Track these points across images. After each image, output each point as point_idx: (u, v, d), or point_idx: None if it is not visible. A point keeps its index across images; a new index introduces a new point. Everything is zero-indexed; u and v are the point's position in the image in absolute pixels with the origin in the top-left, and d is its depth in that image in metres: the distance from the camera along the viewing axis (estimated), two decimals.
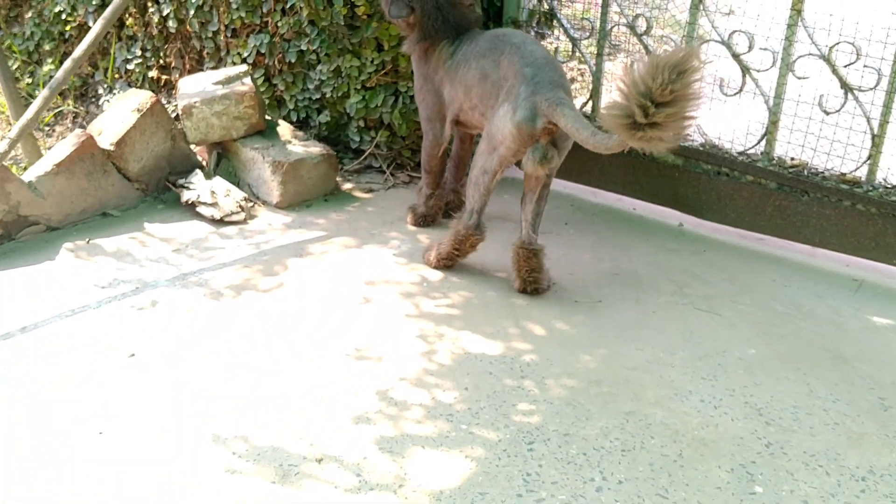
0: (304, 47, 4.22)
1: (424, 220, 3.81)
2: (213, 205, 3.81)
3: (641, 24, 3.79)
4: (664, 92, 2.36)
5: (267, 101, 4.50)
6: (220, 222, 3.78)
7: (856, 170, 3.39)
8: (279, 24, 4.26)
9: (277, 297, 3.22)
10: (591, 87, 4.02)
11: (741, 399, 2.66)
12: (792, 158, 3.57)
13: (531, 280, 3.20)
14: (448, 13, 3.36)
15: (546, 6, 4.15)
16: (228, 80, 4.09)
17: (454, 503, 2.23)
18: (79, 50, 3.80)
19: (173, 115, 4.35)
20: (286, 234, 3.72)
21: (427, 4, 3.35)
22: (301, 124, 4.52)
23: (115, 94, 5.04)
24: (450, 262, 3.36)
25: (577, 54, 4.10)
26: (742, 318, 3.10)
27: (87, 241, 3.59)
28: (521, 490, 2.28)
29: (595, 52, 3.98)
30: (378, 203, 4.06)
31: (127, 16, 4.85)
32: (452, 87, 3.36)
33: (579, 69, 4.84)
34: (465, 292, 3.27)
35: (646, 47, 3.82)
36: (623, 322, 3.07)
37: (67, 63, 3.79)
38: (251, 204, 3.96)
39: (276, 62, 4.39)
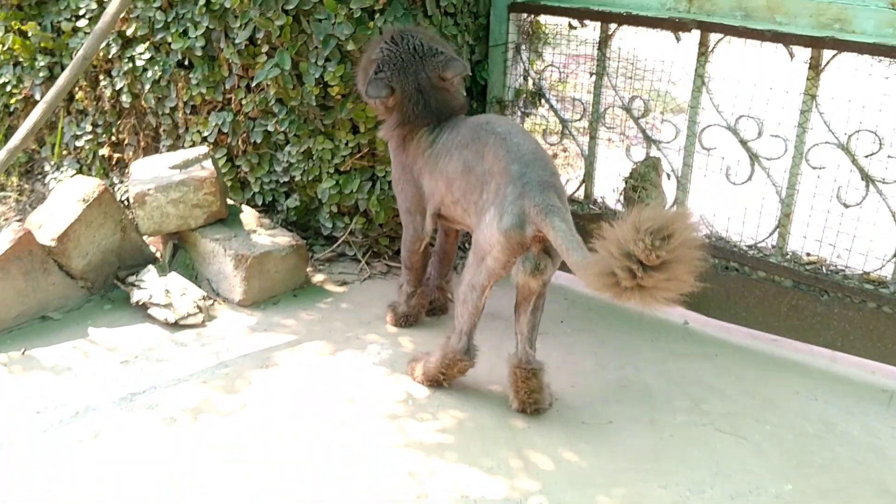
0: (270, 128, 3.87)
1: (406, 321, 3.43)
2: (168, 306, 3.39)
3: (639, 106, 3.51)
4: (650, 257, 2.10)
5: (230, 183, 4.12)
6: (175, 326, 3.36)
7: (881, 268, 3.10)
8: (243, 101, 3.91)
9: (240, 420, 2.80)
10: (584, 171, 3.71)
11: None
12: (808, 254, 3.28)
13: (531, 402, 2.83)
14: (430, 97, 3.04)
15: (532, 85, 3.86)
16: (186, 164, 3.71)
17: None
18: (23, 129, 3.39)
19: (125, 199, 3.94)
20: (250, 339, 3.31)
21: (408, 86, 3.03)
22: (267, 208, 4.14)
23: (62, 171, 4.62)
24: (435, 384, 2.98)
25: (567, 135, 3.80)
26: (771, 443, 2.76)
27: (23, 353, 3.14)
28: None
29: (588, 135, 3.69)
30: (353, 298, 3.67)
31: (77, 89, 4.46)
32: (432, 179, 3.02)
33: (563, 145, 4.54)
34: (458, 412, 2.88)
35: (643, 131, 3.53)
36: (639, 450, 2.71)
37: (11, 143, 3.38)
38: (210, 302, 3.55)
39: (239, 142, 4.02)
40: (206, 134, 4.06)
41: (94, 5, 4.20)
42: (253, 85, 3.81)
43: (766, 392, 3.04)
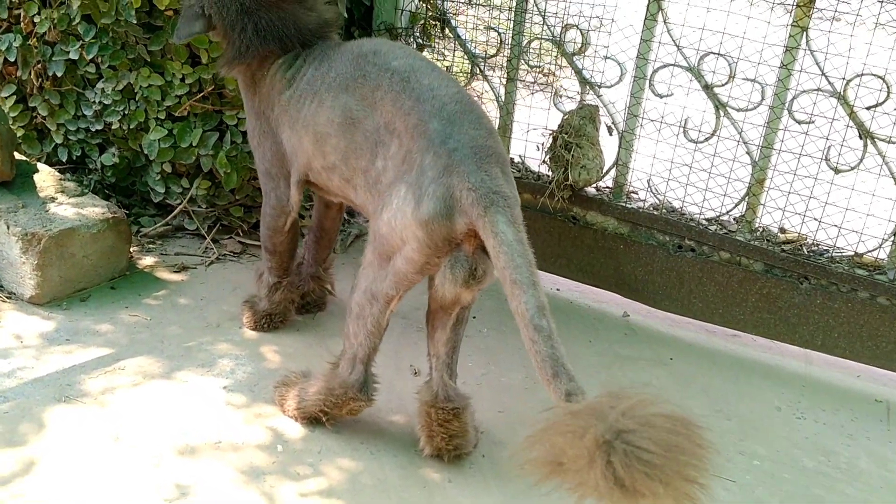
0: (75, 55, 2.81)
1: (270, 322, 2.53)
2: None
3: (573, 38, 2.73)
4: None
5: (21, 133, 3.03)
6: None
7: (877, 249, 2.49)
8: (36, 19, 2.83)
9: (25, 493, 1.84)
10: (498, 123, 2.90)
11: None
12: (783, 231, 2.63)
13: (451, 448, 2.02)
14: (261, 18, 2.15)
15: (433, 7, 2.99)
16: None
17: None
18: None
19: None
20: (45, 357, 2.32)
21: (228, 9, 2.14)
22: (75, 167, 3.09)
23: None
24: (314, 421, 2.13)
25: (478, 76, 2.97)
26: (766, 487, 2.09)
27: None
28: None
29: (505, 76, 2.87)
30: (195, 290, 2.73)
31: None
32: (294, 133, 2.13)
33: (472, 89, 3.69)
34: (349, 462, 2.04)
35: (578, 72, 2.75)
36: None
37: None
38: None
39: (33, 75, 2.93)
40: None
41: None
42: None
43: (741, 410, 2.38)
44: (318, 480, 1.98)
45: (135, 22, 2.67)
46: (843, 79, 2.39)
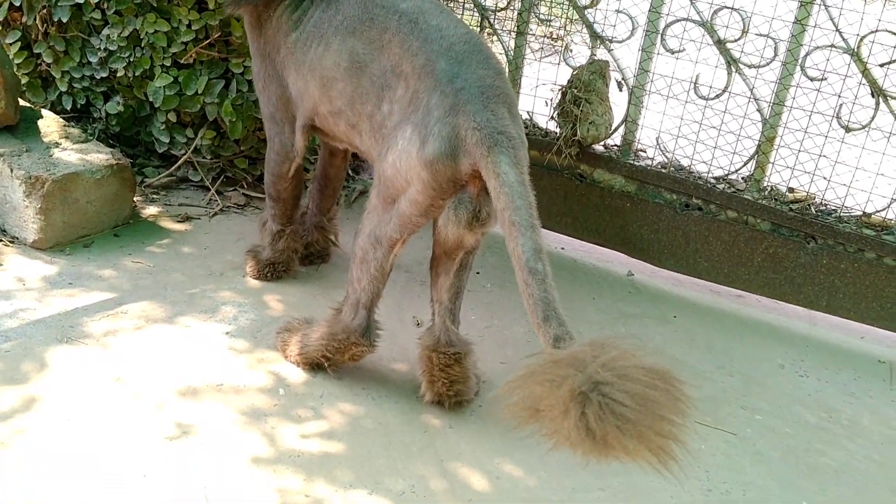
0: (81, 0, 2.78)
1: (273, 271, 2.53)
2: None
3: None
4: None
5: (25, 80, 3.01)
6: None
7: (885, 209, 2.46)
8: None
9: (26, 429, 1.84)
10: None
11: None
12: (792, 190, 2.61)
13: (452, 394, 2.02)
14: None
15: None
16: None
17: None
18: None
19: None
20: (47, 300, 2.31)
21: None
22: (79, 115, 3.07)
23: None
24: (316, 367, 2.12)
25: (487, 29, 2.93)
26: (768, 441, 2.08)
27: None
28: None
29: (514, 30, 2.83)
30: (199, 239, 2.72)
31: None
32: (300, 76, 2.11)
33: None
34: (350, 406, 2.04)
35: (589, 25, 2.72)
36: None
37: None
38: None
39: (38, 21, 2.90)
40: None
41: None
42: None
43: (745, 367, 2.37)
44: (320, 423, 1.97)
45: None
46: (858, 35, 2.35)
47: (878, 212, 2.47)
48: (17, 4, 2.92)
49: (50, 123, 2.79)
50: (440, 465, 1.89)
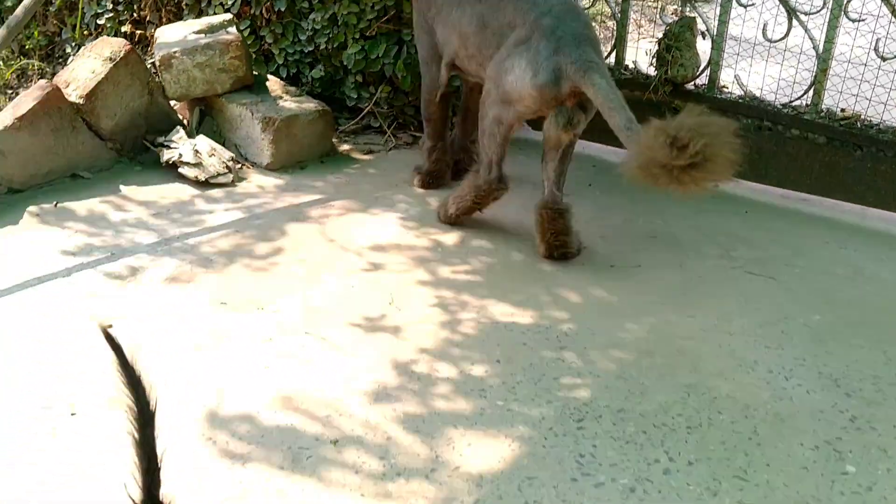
0: None
1: (432, 179, 3.42)
2: (198, 165, 3.40)
3: None
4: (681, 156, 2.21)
5: (254, 56, 4.09)
6: (206, 184, 3.38)
7: None
8: None
9: (275, 262, 2.83)
10: (613, 34, 3.65)
11: (814, 369, 2.32)
12: (842, 110, 3.23)
13: (558, 244, 2.83)
14: None
15: None
16: (211, 29, 3.68)
17: (498, 489, 1.87)
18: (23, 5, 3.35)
19: (151, 66, 3.92)
20: (280, 198, 3.32)
21: None
22: (292, 81, 4.11)
23: None
24: (468, 216, 3.02)
25: None
26: (800, 283, 2.76)
27: (55, 205, 3.17)
28: (575, 473, 1.93)
29: None
30: (380, 165, 3.67)
31: None
32: (445, 29, 3.02)
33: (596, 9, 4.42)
34: (486, 258, 2.90)
35: None
36: (668, 288, 2.72)
37: (11, 19, 3.35)
38: (239, 166, 3.56)
39: (263, 11, 3.98)
40: (229, 5, 4.01)
41: None
42: None
43: (796, 241, 3.03)
44: (465, 266, 2.84)
45: None
46: None
47: None
48: (248, 1, 4.00)
49: (274, 84, 3.83)
50: (548, 288, 2.71)
